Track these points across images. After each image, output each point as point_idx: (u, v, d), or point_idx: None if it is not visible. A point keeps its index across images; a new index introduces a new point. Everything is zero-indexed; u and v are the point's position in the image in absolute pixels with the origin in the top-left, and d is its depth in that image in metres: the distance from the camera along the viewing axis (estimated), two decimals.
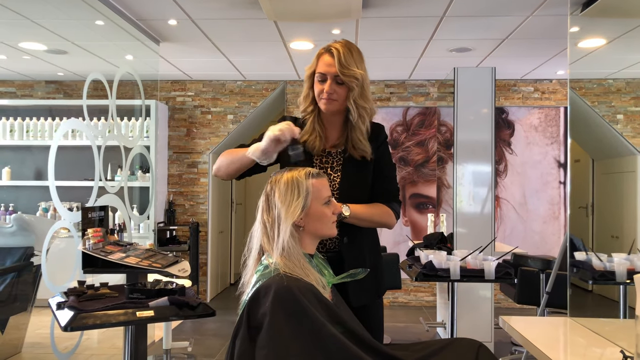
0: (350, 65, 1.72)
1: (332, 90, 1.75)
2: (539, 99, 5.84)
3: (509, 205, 5.87)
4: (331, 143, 1.85)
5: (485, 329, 4.19)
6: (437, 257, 3.10)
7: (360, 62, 1.76)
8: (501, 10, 3.62)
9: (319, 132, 1.81)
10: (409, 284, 5.85)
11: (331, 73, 1.74)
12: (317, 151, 1.81)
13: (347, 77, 1.72)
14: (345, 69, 1.72)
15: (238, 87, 5.97)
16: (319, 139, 1.81)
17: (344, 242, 1.76)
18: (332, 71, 1.74)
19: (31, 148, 5.39)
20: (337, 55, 1.72)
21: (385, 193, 1.85)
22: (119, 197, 3.76)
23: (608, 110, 3.30)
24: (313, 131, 1.81)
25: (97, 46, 4.41)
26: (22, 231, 3.62)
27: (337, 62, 1.72)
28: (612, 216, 3.43)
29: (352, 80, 1.73)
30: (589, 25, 2.85)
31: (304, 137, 1.80)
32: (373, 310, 1.83)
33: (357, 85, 1.74)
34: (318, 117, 1.83)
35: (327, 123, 1.84)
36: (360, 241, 1.80)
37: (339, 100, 1.76)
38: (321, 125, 1.83)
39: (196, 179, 5.98)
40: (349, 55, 1.73)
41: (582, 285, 2.65)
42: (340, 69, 1.72)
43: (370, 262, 1.78)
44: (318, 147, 1.81)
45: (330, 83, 1.74)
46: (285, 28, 4.04)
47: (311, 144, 1.80)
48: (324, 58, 1.76)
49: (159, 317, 1.79)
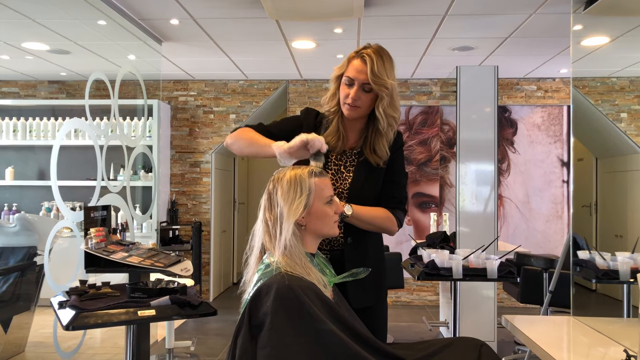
0: (382, 75, 1.70)
1: (358, 96, 1.73)
2: (541, 98, 5.82)
3: (512, 204, 5.86)
4: (349, 145, 1.85)
5: (488, 328, 4.18)
6: (440, 256, 3.10)
7: (391, 70, 1.75)
8: (504, 8, 3.61)
9: (343, 134, 1.81)
10: (411, 283, 5.84)
11: (360, 79, 1.72)
12: (337, 151, 1.81)
13: (378, 85, 1.71)
14: (377, 77, 1.70)
15: (240, 86, 5.97)
16: (341, 141, 1.81)
17: (347, 242, 1.76)
18: (362, 78, 1.72)
19: (34, 148, 5.40)
20: (370, 64, 1.71)
21: (391, 199, 1.84)
22: (122, 196, 3.77)
23: (611, 109, 3.29)
24: (337, 132, 1.81)
25: (99, 46, 4.41)
26: (25, 231, 3.63)
27: (369, 71, 1.70)
28: (615, 215, 3.42)
29: (382, 89, 1.71)
30: (592, 24, 2.83)
31: (327, 137, 1.79)
32: (377, 311, 1.83)
33: (387, 94, 1.72)
34: (341, 119, 1.82)
35: (348, 125, 1.84)
36: (364, 242, 1.79)
37: (363, 107, 1.76)
38: (344, 127, 1.83)
39: (199, 179, 5.98)
40: (381, 63, 1.72)
41: (585, 284, 2.64)
42: (372, 78, 1.70)
43: (372, 264, 1.76)
44: (339, 148, 1.81)
45: (357, 89, 1.73)
46: (287, 27, 4.04)
47: (332, 144, 1.80)
48: (354, 62, 1.75)
49: (160, 316, 1.79)
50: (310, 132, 1.70)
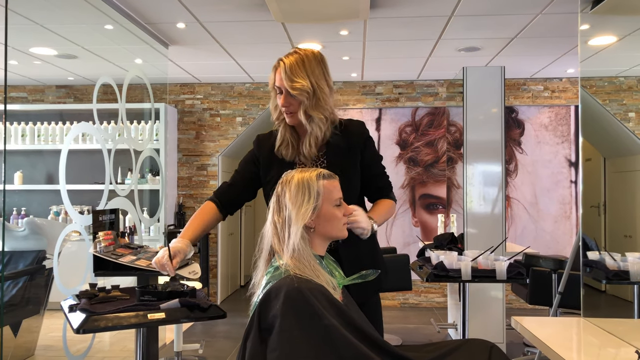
0: (297, 77, 1.70)
1: (288, 103, 1.75)
2: (549, 98, 5.79)
3: (520, 205, 5.83)
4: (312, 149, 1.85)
5: (497, 330, 4.16)
6: (448, 258, 3.09)
7: (313, 69, 1.73)
8: (510, 8, 3.60)
9: (290, 141, 1.82)
10: (419, 285, 5.83)
11: (283, 86, 1.74)
12: (289, 159, 1.81)
13: (295, 90, 1.71)
14: (292, 82, 1.71)
15: (246, 89, 5.99)
16: (291, 147, 1.81)
17: (338, 241, 1.75)
18: (280, 85, 1.74)
19: (42, 152, 5.43)
20: (282, 69, 1.72)
21: (380, 190, 1.90)
22: (130, 200, 3.78)
23: (619, 109, 3.27)
24: (284, 140, 1.82)
25: (106, 50, 4.44)
26: (34, 235, 3.65)
27: (283, 77, 1.71)
28: (624, 215, 3.40)
29: (300, 93, 1.71)
30: (599, 23, 2.82)
31: (278, 149, 1.82)
32: (371, 307, 1.83)
33: (308, 97, 1.72)
34: (289, 126, 1.82)
35: (300, 130, 1.84)
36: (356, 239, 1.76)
37: (298, 111, 1.76)
38: (294, 133, 1.83)
39: (206, 182, 6.00)
40: (297, 66, 1.71)
41: (594, 285, 2.62)
42: (288, 83, 1.71)
43: (368, 260, 1.78)
44: (290, 155, 1.81)
45: (285, 96, 1.75)
46: (292, 30, 4.04)
47: (284, 153, 1.81)
48: (277, 71, 1.76)
49: (170, 319, 1.79)
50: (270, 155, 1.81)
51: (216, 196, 1.92)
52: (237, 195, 1.93)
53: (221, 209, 1.91)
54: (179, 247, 1.77)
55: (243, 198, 1.95)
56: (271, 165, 1.84)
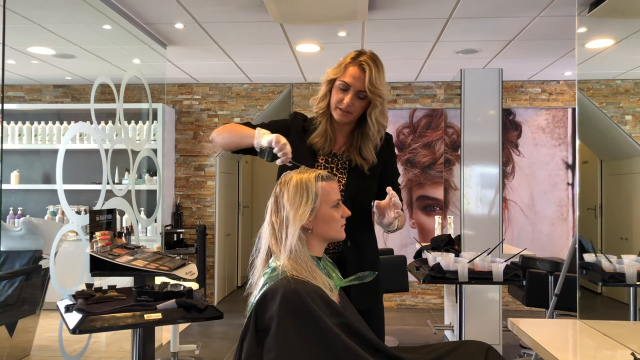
0: (378, 85, 1.74)
1: (352, 103, 1.76)
2: (546, 100, 5.81)
3: (517, 207, 5.84)
4: (337, 147, 1.87)
5: (494, 332, 4.16)
6: (445, 259, 3.09)
7: (384, 79, 1.79)
8: (508, 11, 3.61)
9: (330, 136, 1.84)
10: (416, 287, 5.83)
11: (356, 87, 1.75)
12: (324, 153, 1.84)
13: (374, 95, 1.75)
14: (374, 87, 1.74)
15: (245, 90, 5.99)
16: (328, 142, 1.83)
17: (347, 244, 1.77)
18: (358, 85, 1.75)
19: (39, 152, 5.42)
20: (369, 73, 1.74)
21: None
22: (127, 200, 3.78)
23: (616, 111, 3.28)
24: (324, 134, 1.83)
25: (104, 50, 4.43)
26: (30, 234, 3.64)
27: (367, 80, 1.73)
28: (621, 217, 3.41)
29: (377, 98, 1.75)
30: (596, 26, 2.83)
31: (314, 139, 1.83)
32: (375, 312, 1.84)
33: (380, 103, 1.76)
34: (330, 121, 1.84)
35: (337, 127, 1.86)
36: (362, 244, 1.81)
37: (354, 113, 1.79)
38: (332, 129, 1.85)
39: (203, 182, 5.99)
40: (377, 72, 1.75)
41: (591, 287, 2.63)
42: (370, 87, 1.74)
43: (371, 265, 1.79)
44: (327, 149, 1.84)
45: (352, 96, 1.76)
46: (291, 31, 4.05)
47: (319, 145, 1.83)
48: (351, 69, 1.77)
49: (166, 319, 1.79)
50: (299, 135, 1.81)
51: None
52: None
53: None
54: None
55: None
56: (297, 145, 1.80)
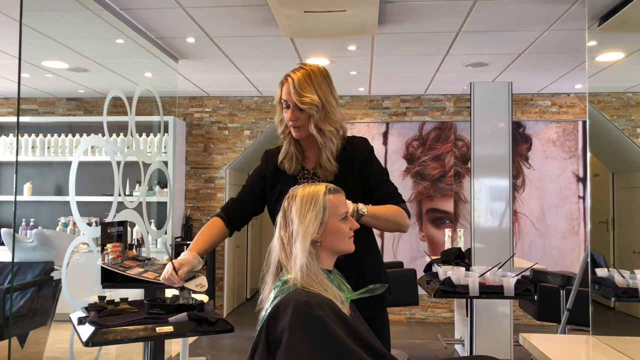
0: (305, 92, 1.74)
1: (295, 117, 1.78)
2: (556, 113, 5.79)
3: (527, 220, 5.81)
4: (309, 163, 1.89)
5: (505, 347, 4.12)
6: (456, 274, 3.07)
7: (320, 84, 1.78)
8: (517, 25, 3.62)
9: (295, 154, 1.86)
10: (426, 300, 5.79)
11: (291, 100, 1.77)
12: (294, 171, 1.85)
13: (305, 104, 1.75)
14: (301, 96, 1.75)
15: (254, 103, 6.03)
16: (295, 161, 1.85)
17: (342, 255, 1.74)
18: (291, 99, 1.77)
19: (52, 164, 5.47)
20: (291, 84, 1.76)
21: (388, 195, 1.83)
22: (138, 212, 3.80)
23: (627, 124, 3.27)
24: (288, 154, 1.86)
25: (117, 64, 4.49)
26: (42, 246, 3.67)
27: (292, 91, 1.75)
28: (633, 231, 3.38)
29: (310, 107, 1.75)
30: (606, 39, 2.83)
31: (282, 163, 1.86)
32: (379, 322, 1.82)
33: (317, 110, 1.76)
34: (294, 140, 1.86)
35: (305, 145, 1.88)
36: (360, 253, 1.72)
37: (305, 125, 1.80)
38: (298, 147, 1.87)
39: (213, 194, 6.02)
40: (305, 81, 1.76)
41: (603, 301, 2.60)
42: (297, 98, 1.75)
43: (371, 274, 1.78)
44: (295, 168, 1.86)
45: (292, 110, 1.78)
46: (301, 45, 4.08)
47: (287, 167, 1.86)
48: (283, 85, 1.80)
49: (178, 332, 1.80)
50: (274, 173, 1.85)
51: (223, 212, 1.95)
52: (244, 211, 1.95)
53: (228, 225, 1.93)
54: (185, 259, 1.78)
55: (250, 213, 1.96)
56: (276, 180, 1.87)
